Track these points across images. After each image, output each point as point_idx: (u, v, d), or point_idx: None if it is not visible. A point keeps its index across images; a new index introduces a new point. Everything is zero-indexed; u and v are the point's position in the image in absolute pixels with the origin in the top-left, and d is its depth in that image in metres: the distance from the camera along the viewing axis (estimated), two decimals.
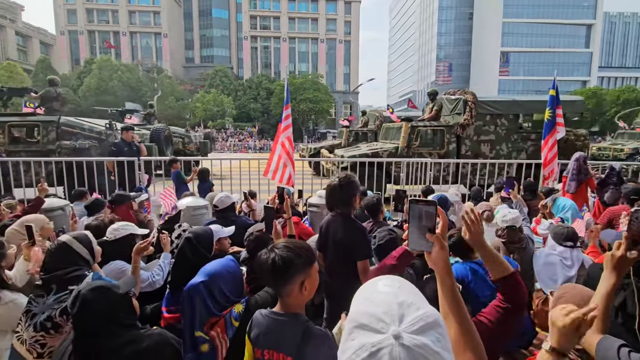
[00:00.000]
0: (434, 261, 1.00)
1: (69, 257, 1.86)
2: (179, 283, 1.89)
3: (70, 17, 58.88)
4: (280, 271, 1.24)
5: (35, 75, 43.82)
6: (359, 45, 63.86)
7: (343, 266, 1.98)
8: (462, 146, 8.01)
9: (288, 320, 1.25)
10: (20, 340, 1.69)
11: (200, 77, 53.59)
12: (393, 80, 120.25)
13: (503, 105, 8.10)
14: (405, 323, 0.59)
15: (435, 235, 0.99)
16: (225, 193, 3.48)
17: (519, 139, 8.04)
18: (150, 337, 1.46)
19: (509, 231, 2.94)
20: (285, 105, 4.62)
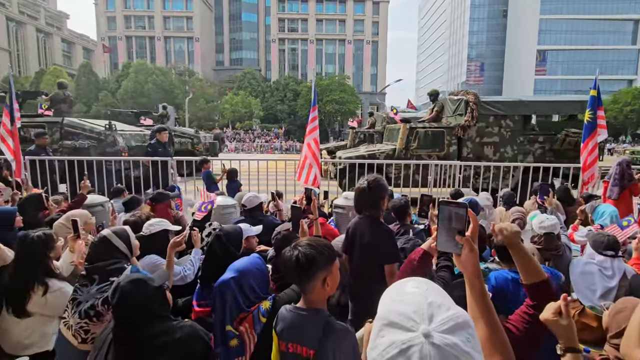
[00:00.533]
0: (463, 264, 0.99)
1: (109, 251, 1.98)
2: (209, 279, 1.96)
3: (110, 23, 62.29)
4: (304, 268, 1.29)
5: (78, 79, 46.73)
6: (386, 45, 63.19)
7: (369, 269, 1.98)
8: (464, 148, 7.69)
9: (310, 315, 1.30)
10: (67, 325, 1.82)
11: (229, 80, 55.00)
12: (422, 80, 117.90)
13: (507, 105, 7.69)
14: (435, 322, 0.60)
15: (464, 237, 0.98)
16: (253, 193, 3.57)
17: (526, 141, 7.60)
18: (182, 329, 1.53)
19: (546, 238, 2.82)
20: (313, 107, 4.67)
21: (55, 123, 8.08)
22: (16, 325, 2.03)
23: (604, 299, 2.34)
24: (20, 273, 2.06)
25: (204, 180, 5.96)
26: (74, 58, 70.49)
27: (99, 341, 1.53)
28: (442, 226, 1.03)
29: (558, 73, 65.52)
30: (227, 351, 1.62)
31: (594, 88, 5.24)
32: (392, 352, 0.58)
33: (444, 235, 1.03)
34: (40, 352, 2.03)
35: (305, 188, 3.14)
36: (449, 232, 1.01)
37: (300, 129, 42.22)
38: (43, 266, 2.10)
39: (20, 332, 2.02)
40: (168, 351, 1.45)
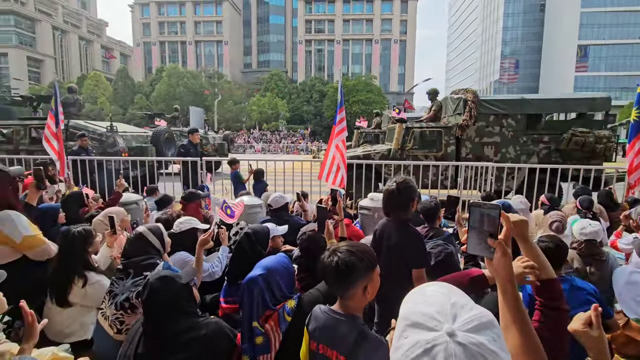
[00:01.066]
0: (495, 268, 0.95)
1: (144, 246, 2.08)
2: (236, 276, 2.00)
3: (145, 30, 65.31)
4: (344, 275, 1.25)
5: (115, 83, 49.40)
6: (415, 44, 62.04)
7: (396, 272, 1.93)
8: (462, 149, 7.34)
9: (346, 321, 1.27)
10: (104, 316, 1.92)
11: (256, 82, 56.08)
12: (452, 79, 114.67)
13: (509, 104, 7.25)
14: (459, 322, 0.59)
15: (497, 240, 0.94)
16: (279, 193, 3.61)
17: (529, 141, 7.17)
18: (208, 326, 1.57)
19: (587, 244, 2.66)
20: (340, 108, 4.64)
21: None
22: (59, 314, 2.17)
23: None
24: (62, 266, 2.20)
25: (231, 181, 6.10)
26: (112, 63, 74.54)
27: (130, 334, 1.60)
28: (473, 229, 0.99)
29: (601, 69, 61.49)
30: (253, 348, 1.65)
31: None
32: (417, 352, 0.57)
33: (475, 238, 0.99)
34: (79, 340, 2.15)
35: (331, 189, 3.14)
36: (481, 235, 0.98)
37: (326, 130, 42.32)
38: (82, 260, 2.23)
39: (62, 321, 2.15)
40: (193, 347, 1.49)
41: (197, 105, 43.39)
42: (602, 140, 6.73)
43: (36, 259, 2.39)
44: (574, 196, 4.66)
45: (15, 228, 2.27)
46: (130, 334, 1.61)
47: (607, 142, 6.73)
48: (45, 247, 2.39)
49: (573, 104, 7.52)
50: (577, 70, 61.63)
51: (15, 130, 8.74)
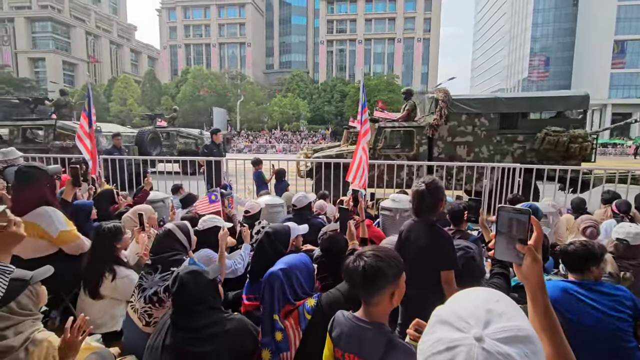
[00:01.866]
0: (524, 275, 0.92)
1: (171, 243, 2.15)
2: (257, 274, 2.04)
3: (171, 33, 67.41)
4: (370, 281, 1.23)
5: (144, 85, 51.24)
6: (438, 42, 60.84)
7: (423, 274, 1.90)
8: (435, 148, 7.14)
9: (372, 329, 1.24)
10: (134, 309, 2.01)
11: (278, 82, 56.67)
12: (477, 78, 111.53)
13: (481, 103, 7.03)
14: (492, 329, 0.57)
15: (527, 246, 0.91)
16: (302, 193, 3.65)
17: (503, 141, 6.93)
18: (232, 322, 1.61)
19: (618, 245, 2.54)
20: (363, 109, 4.61)
21: (50, 126, 9.10)
22: (91, 306, 2.28)
23: None
24: (94, 260, 2.31)
25: (254, 180, 6.19)
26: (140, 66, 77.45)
27: (159, 326, 1.66)
28: (501, 233, 0.96)
29: (639, 66, 58.11)
30: (274, 343, 1.68)
31: None
32: (439, 348, 0.58)
33: (504, 243, 0.96)
34: (110, 331, 2.25)
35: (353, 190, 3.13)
36: (509, 240, 0.94)
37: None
38: (112, 255, 2.34)
39: (94, 312, 2.26)
40: (218, 341, 1.53)
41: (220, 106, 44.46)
42: (578, 139, 6.44)
43: (71, 253, 2.52)
44: (602, 202, 4.45)
45: (52, 223, 2.40)
46: (158, 326, 1.67)
47: (582, 141, 6.45)
48: (79, 241, 2.52)
49: (548, 103, 7.26)
50: (613, 67, 58.38)
51: (10, 131, 9.30)
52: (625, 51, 58.47)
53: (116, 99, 47.76)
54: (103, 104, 45.86)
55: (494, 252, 1.00)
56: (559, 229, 3.82)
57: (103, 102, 46.60)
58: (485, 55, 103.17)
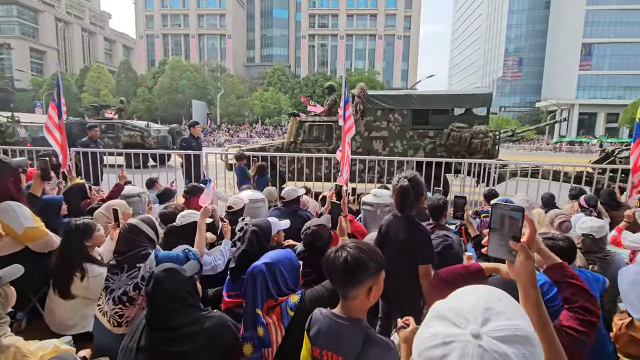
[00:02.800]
0: (517, 272, 0.92)
1: (138, 237, 2.08)
2: (240, 270, 2.00)
3: (148, 22, 65.03)
4: (352, 272, 1.20)
5: (118, 75, 49.28)
6: (418, 40, 61.70)
7: (402, 268, 1.93)
8: (353, 142, 7.34)
9: (349, 325, 1.22)
10: (102, 312, 1.93)
11: (259, 76, 55.87)
12: (455, 76, 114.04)
13: (395, 99, 7.41)
14: (490, 327, 0.56)
15: (520, 243, 0.92)
16: (292, 187, 3.62)
17: (416, 136, 7.33)
18: (211, 319, 1.57)
19: (585, 240, 2.67)
20: (346, 105, 4.61)
21: None
22: (61, 306, 2.17)
23: None
24: (63, 258, 2.20)
25: (237, 175, 6.07)
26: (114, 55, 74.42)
27: (133, 326, 1.60)
28: (494, 230, 0.97)
29: (605, 68, 61.04)
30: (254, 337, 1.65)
31: None
32: (434, 342, 0.57)
33: (497, 240, 0.96)
34: (81, 332, 2.16)
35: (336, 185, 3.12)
36: (502, 237, 0.95)
37: None
38: (81, 253, 2.23)
39: (64, 312, 2.16)
40: (196, 340, 1.49)
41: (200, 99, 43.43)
42: (479, 135, 6.88)
43: (39, 251, 2.39)
44: (570, 197, 4.68)
45: (16, 219, 2.26)
46: (132, 326, 1.61)
47: (483, 137, 6.89)
48: (47, 238, 2.39)
49: (455, 100, 7.67)
50: (581, 69, 61.18)
51: None
52: (592, 54, 61.35)
53: (89, 89, 45.71)
54: (75, 95, 43.82)
55: (487, 249, 1.00)
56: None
57: (75, 93, 44.52)
58: (462, 54, 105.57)
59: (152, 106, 44.77)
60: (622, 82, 58.64)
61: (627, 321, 2.33)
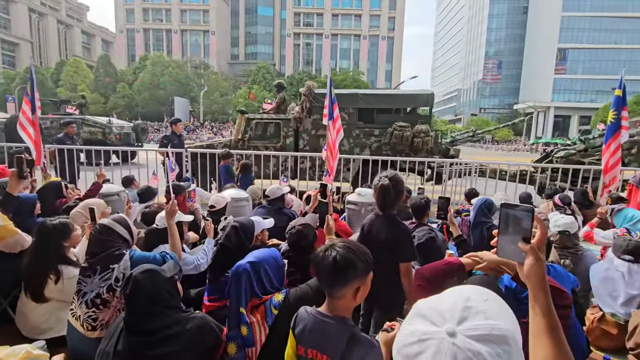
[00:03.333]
0: (526, 274, 0.88)
1: (111, 238, 2.01)
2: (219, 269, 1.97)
3: (128, 16, 63.22)
4: (340, 271, 1.21)
5: (97, 70, 47.68)
6: (402, 41, 62.43)
7: (384, 266, 1.95)
8: (300, 140, 7.59)
9: (335, 324, 1.22)
10: (75, 316, 1.86)
11: (243, 73, 55.23)
12: (437, 77, 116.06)
13: (341, 98, 7.43)
14: (466, 326, 0.57)
15: (530, 245, 0.88)
16: (277, 185, 3.59)
17: (362, 135, 7.54)
18: (193, 320, 1.53)
19: (561, 237, 2.78)
20: (334, 105, 4.61)
21: None
22: (34, 309, 2.08)
23: (627, 307, 2.26)
24: (36, 260, 2.11)
25: (221, 174, 5.98)
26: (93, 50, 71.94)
27: (110, 330, 1.55)
28: (503, 231, 0.93)
29: (578, 72, 63.50)
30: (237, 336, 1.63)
31: (619, 88, 5.04)
32: (411, 339, 0.59)
33: (506, 241, 0.93)
34: (56, 336, 2.07)
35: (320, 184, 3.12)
36: (512, 238, 0.91)
37: None
38: (58, 254, 2.15)
39: (37, 316, 2.07)
40: (177, 342, 1.45)
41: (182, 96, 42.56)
42: (420, 134, 7.12)
43: (8, 251, 2.28)
44: (545, 197, 4.85)
45: None
46: (109, 330, 1.56)
47: (424, 136, 7.12)
48: (17, 237, 2.29)
49: (399, 100, 7.89)
50: (556, 73, 63.45)
51: None
52: (566, 58, 63.73)
53: (65, 84, 44.04)
54: (50, 89, 42.12)
55: (496, 251, 0.97)
56: None
57: (50, 87, 42.79)
58: (445, 55, 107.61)
59: (133, 102, 43.57)
60: (594, 86, 61.13)
61: (598, 315, 2.43)
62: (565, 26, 62.41)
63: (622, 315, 2.28)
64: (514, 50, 75.27)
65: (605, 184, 5.22)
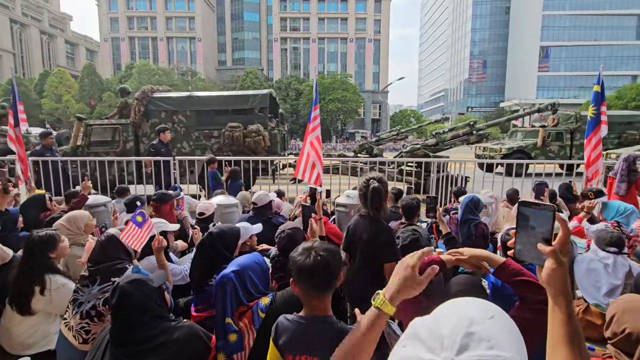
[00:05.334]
0: (546, 280, 0.81)
1: (114, 250, 1.99)
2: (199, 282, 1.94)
3: (112, 24, 62.48)
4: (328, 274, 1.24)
5: (82, 80, 46.98)
6: (388, 43, 62.99)
7: (368, 267, 1.97)
8: (141, 144, 7.64)
9: (319, 325, 1.24)
10: (68, 326, 1.83)
11: (231, 79, 55.03)
12: (424, 78, 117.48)
13: (176, 101, 7.75)
14: (466, 356, 0.50)
15: (550, 248, 0.81)
16: (264, 191, 3.58)
17: (201, 136, 7.68)
18: (181, 329, 1.52)
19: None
20: (314, 106, 4.65)
21: None
22: (19, 324, 2.04)
23: (609, 297, 2.32)
24: (22, 272, 2.07)
25: (209, 181, 5.95)
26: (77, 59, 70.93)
27: (97, 342, 1.53)
28: (521, 232, 0.86)
29: (561, 69, 64.97)
30: (226, 346, 1.62)
31: (598, 84, 5.18)
32: None
33: (525, 242, 0.86)
34: (42, 351, 2.04)
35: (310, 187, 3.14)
36: (532, 239, 0.84)
37: (302, 127, 42.22)
38: (43, 265, 2.11)
39: (22, 331, 2.03)
40: (166, 351, 1.44)
41: None
42: (251, 134, 7.26)
43: None
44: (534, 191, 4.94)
45: None
46: (96, 342, 1.54)
47: (255, 136, 7.27)
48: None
49: (234, 101, 8.02)
50: (539, 70, 64.82)
51: None
52: (549, 56, 65.20)
53: (49, 94, 43.28)
54: (34, 100, 41.36)
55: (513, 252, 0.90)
56: (498, 217, 4.15)
57: (34, 98, 42.01)
58: (431, 56, 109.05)
59: None
60: (577, 82, 62.58)
61: (583, 307, 2.48)
62: (546, 25, 63.90)
63: (605, 306, 2.33)
64: (498, 50, 76.70)
65: (588, 178, 5.35)
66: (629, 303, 1.38)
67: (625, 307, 1.37)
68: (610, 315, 1.38)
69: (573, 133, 13.74)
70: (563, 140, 13.63)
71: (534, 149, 13.64)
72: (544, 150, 13.41)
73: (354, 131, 46.46)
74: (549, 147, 13.41)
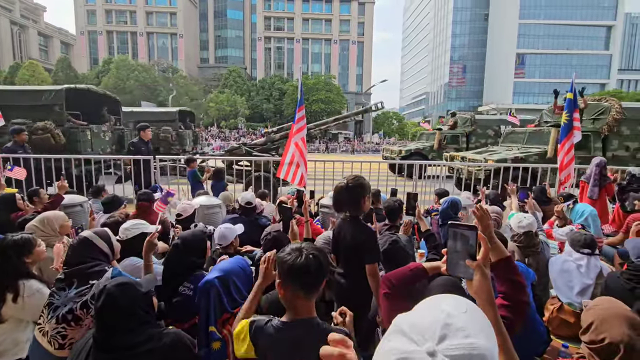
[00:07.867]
0: (475, 291, 0.91)
1: (90, 252, 1.92)
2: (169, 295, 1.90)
3: (90, 17, 60.35)
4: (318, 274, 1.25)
5: (55, 74, 45.11)
6: (372, 46, 63.67)
7: (353, 268, 1.98)
8: None
9: (305, 327, 1.23)
10: (42, 332, 1.74)
11: (214, 78, 54.18)
12: (406, 81, 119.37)
13: None
14: (445, 345, 0.55)
15: (476, 262, 0.92)
16: (250, 193, 3.55)
17: None
18: (167, 336, 1.48)
19: (525, 236, 2.90)
20: (299, 107, 4.64)
21: None
22: None
23: (582, 296, 2.43)
24: None
25: (189, 180, 5.85)
26: (51, 52, 68.03)
27: (76, 348, 1.47)
28: (451, 249, 0.97)
29: (536, 76, 67.53)
30: (209, 354, 1.59)
31: (571, 91, 5.41)
32: (390, 358, 0.57)
33: (454, 259, 0.97)
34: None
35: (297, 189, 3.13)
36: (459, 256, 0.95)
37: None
38: (17, 270, 2.02)
39: None
40: (152, 358, 1.40)
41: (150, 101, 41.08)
42: (37, 131, 7.04)
43: None
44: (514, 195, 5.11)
45: None
46: (75, 348, 1.48)
47: (42, 133, 7.08)
48: None
49: (25, 96, 7.78)
50: (516, 76, 67.21)
51: None
52: (524, 63, 67.71)
53: None
54: None
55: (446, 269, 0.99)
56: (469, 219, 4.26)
57: None
58: (412, 60, 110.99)
59: None
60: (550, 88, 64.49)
61: (557, 305, 2.59)
62: (522, 33, 66.30)
63: (578, 305, 2.44)
64: (477, 55, 78.90)
65: (561, 182, 5.58)
66: (607, 311, 1.41)
67: (603, 315, 1.40)
68: (588, 322, 1.42)
69: (469, 136, 14.27)
70: (459, 143, 14.10)
71: (431, 151, 14.11)
72: (439, 152, 13.75)
73: (337, 132, 46.61)
74: (445, 149, 13.72)
